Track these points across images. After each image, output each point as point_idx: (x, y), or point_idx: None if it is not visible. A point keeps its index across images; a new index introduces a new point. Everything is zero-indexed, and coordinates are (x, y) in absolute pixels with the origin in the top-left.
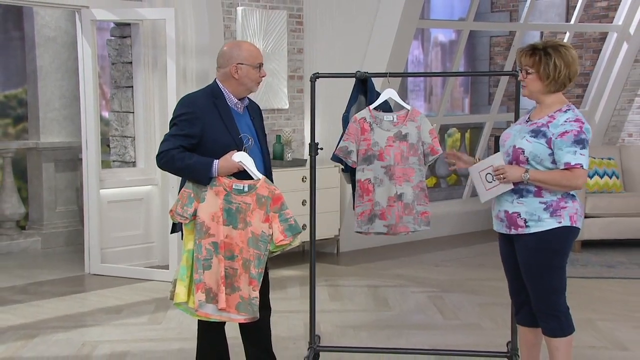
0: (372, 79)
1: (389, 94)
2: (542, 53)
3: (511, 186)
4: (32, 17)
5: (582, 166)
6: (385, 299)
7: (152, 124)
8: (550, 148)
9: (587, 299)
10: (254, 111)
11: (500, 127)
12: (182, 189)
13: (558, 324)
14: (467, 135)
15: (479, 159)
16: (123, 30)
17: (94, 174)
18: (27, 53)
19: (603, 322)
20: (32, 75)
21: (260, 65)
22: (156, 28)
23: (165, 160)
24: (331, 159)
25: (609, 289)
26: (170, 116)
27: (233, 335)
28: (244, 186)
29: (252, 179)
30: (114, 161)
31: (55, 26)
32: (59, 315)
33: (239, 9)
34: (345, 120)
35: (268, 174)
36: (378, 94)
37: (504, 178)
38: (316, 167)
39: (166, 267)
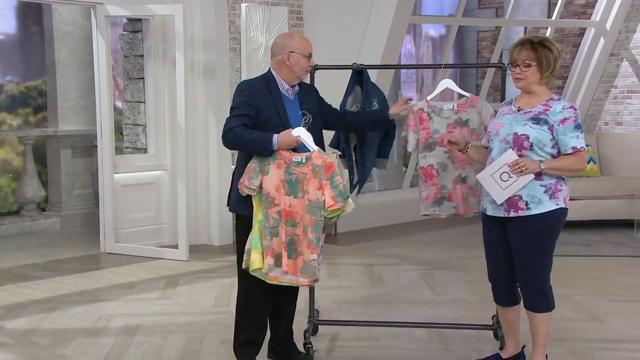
0: (367, 70)
1: (446, 84)
2: (540, 47)
3: (532, 177)
4: (51, 13)
5: (584, 149)
6: (380, 276)
7: (162, 113)
8: (552, 134)
9: (566, 275)
10: (306, 95)
11: None
12: (249, 164)
13: (545, 300)
14: None
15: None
16: (135, 25)
17: (108, 160)
18: (46, 47)
19: (580, 297)
20: (50, 68)
21: (310, 55)
22: (166, 23)
23: (231, 136)
24: (329, 145)
25: (586, 266)
26: (176, 105)
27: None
28: (301, 158)
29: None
30: (126, 148)
31: (72, 22)
32: (77, 290)
33: (243, 5)
34: (342, 110)
35: (320, 147)
36: (373, 85)
37: (526, 169)
38: None
39: (175, 247)
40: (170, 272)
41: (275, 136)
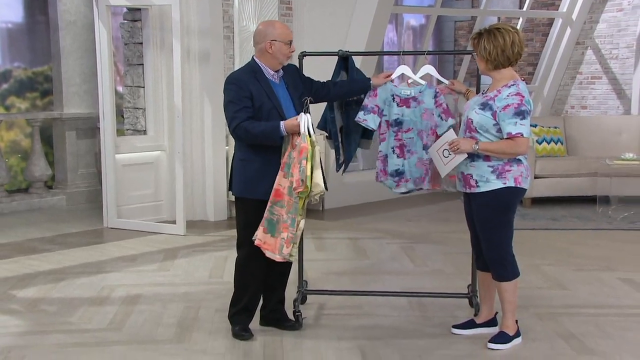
0: (353, 57)
1: (427, 69)
2: (484, 38)
3: (465, 156)
4: (56, 3)
5: (522, 135)
6: (364, 249)
7: (161, 97)
8: (495, 119)
9: (535, 247)
10: (289, 77)
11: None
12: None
13: (504, 271)
14: None
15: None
16: (134, 14)
17: (110, 141)
18: (51, 35)
19: (548, 267)
20: (56, 55)
21: (290, 42)
22: (163, 12)
23: (241, 132)
24: (317, 127)
25: (554, 238)
26: (173, 89)
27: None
28: (299, 141)
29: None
30: (127, 129)
31: (76, 11)
32: (82, 262)
33: None
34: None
35: None
36: (358, 70)
37: (458, 149)
38: None
39: (173, 222)
40: (169, 246)
41: (282, 123)
